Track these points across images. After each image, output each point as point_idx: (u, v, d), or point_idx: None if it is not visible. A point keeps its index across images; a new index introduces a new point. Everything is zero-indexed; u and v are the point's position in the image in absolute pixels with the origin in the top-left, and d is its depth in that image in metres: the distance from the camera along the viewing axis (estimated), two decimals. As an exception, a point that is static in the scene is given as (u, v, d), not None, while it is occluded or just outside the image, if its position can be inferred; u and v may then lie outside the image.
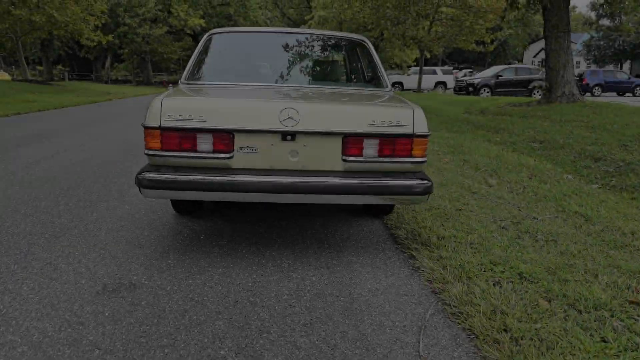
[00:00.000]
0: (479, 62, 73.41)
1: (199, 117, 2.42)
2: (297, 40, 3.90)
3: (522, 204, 4.05)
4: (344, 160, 2.55)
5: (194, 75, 3.33)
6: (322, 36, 4.05)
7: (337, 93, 3.24)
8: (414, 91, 24.64)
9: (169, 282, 2.45)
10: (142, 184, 2.47)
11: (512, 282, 2.45)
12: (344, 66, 4.36)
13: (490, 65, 77.20)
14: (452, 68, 40.34)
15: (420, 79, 21.68)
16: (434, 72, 31.91)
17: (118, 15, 29.16)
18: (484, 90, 22.31)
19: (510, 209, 3.87)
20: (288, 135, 2.49)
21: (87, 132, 8.29)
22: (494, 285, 2.39)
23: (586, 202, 4.08)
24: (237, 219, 3.51)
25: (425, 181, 2.59)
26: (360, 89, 3.63)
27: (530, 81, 22.74)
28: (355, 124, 2.51)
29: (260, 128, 2.45)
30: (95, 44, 21.91)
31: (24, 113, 11.69)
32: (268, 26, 55.70)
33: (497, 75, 22.74)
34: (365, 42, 3.86)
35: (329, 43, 4.15)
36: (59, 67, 54.09)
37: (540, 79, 22.87)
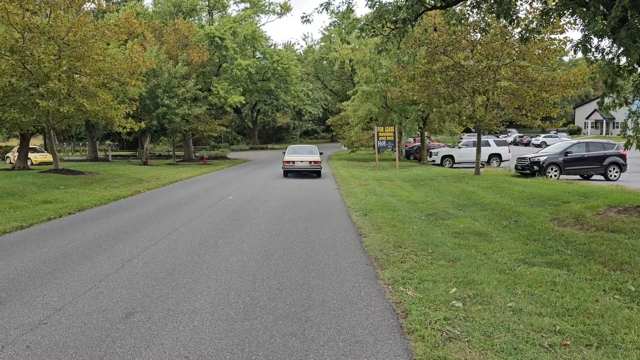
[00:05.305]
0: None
1: (290, 159, 23.44)
2: (307, 146, 26.14)
3: None
4: (309, 164, 23.21)
5: (287, 154, 24.11)
6: (311, 146, 26.08)
7: (313, 156, 23.92)
8: (471, 168, 22.24)
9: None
10: (283, 167, 23.56)
11: None
12: (316, 151, 25.02)
13: (534, 126, 73.71)
14: (505, 137, 37.78)
15: (478, 159, 19.39)
16: (487, 144, 29.54)
17: (157, 96, 28.81)
18: (551, 169, 19.72)
19: None
20: (304, 160, 23.37)
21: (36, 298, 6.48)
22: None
23: None
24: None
25: (321, 168, 23.68)
26: (317, 154, 24.34)
27: (604, 157, 20.05)
28: (313, 158, 23.41)
29: (299, 160, 23.38)
30: (127, 130, 21.05)
31: (27, 227, 10.15)
32: (310, 98, 55.97)
33: (566, 152, 20.17)
34: (320, 150, 25.88)
35: (313, 148, 25.65)
36: (108, 142, 55.46)
37: (616, 155, 20.19)
